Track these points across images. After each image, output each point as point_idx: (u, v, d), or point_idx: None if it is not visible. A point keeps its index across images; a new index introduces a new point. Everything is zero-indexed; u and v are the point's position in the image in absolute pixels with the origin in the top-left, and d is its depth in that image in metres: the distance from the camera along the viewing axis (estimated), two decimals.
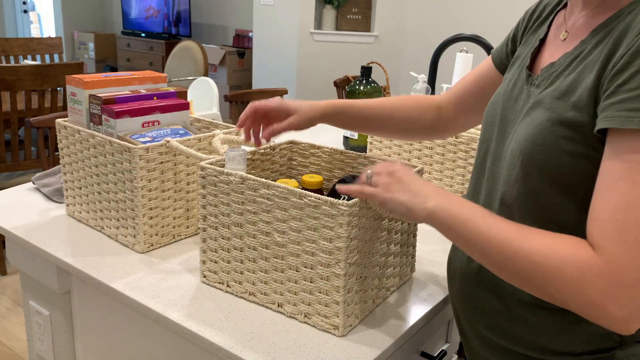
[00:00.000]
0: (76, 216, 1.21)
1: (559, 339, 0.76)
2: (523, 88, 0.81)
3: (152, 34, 6.28)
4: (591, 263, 0.61)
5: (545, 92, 0.74)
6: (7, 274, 2.77)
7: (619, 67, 0.64)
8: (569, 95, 0.70)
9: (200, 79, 1.87)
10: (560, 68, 0.74)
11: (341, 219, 0.79)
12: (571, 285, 0.62)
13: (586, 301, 0.62)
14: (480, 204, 0.85)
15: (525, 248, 0.65)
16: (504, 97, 0.84)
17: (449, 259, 0.93)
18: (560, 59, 0.76)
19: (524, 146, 0.73)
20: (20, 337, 2.30)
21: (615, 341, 0.74)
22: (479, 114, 1.01)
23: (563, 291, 0.63)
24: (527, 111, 0.76)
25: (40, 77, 2.58)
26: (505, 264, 0.67)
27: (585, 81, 0.68)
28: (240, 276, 0.93)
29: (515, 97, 0.82)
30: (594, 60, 0.69)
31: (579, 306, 0.63)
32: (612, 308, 0.61)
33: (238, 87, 5.70)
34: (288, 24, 4.77)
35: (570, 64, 0.73)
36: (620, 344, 0.74)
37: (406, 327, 0.89)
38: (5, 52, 4.21)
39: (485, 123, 0.88)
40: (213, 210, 0.93)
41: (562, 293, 0.63)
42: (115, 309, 1.03)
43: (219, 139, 1.06)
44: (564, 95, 0.70)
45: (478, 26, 4.44)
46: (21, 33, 7.01)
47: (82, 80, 1.12)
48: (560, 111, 0.70)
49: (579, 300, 0.62)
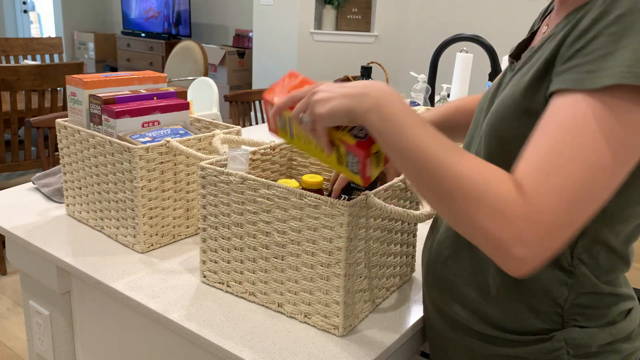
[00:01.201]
0: (76, 216, 1.21)
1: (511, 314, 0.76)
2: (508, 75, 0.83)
3: (152, 34, 6.28)
4: (513, 200, 0.60)
5: (519, 72, 0.75)
6: (7, 274, 2.77)
7: (579, 33, 0.64)
8: (531, 68, 0.71)
9: (200, 79, 1.87)
10: (535, 49, 0.76)
11: (341, 219, 0.79)
12: (488, 215, 0.61)
13: (496, 235, 0.60)
14: None
15: (454, 168, 0.63)
16: (495, 86, 0.86)
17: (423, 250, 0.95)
18: (538, 43, 0.77)
19: (490, 119, 0.75)
20: (20, 337, 2.30)
21: (557, 323, 0.75)
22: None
23: (477, 219, 0.61)
24: (501, 91, 0.79)
25: (40, 77, 2.58)
26: (429, 179, 0.65)
27: (546, 54, 0.69)
28: (240, 276, 0.93)
29: (505, 84, 0.84)
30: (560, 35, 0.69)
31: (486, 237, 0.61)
32: (516, 247, 0.59)
33: (238, 87, 5.70)
34: (288, 24, 4.77)
35: (542, 44, 0.74)
36: (562, 326, 0.75)
37: (406, 327, 0.89)
38: (5, 52, 4.21)
39: (476, 111, 0.89)
40: (213, 210, 0.93)
41: (476, 221, 0.61)
42: (115, 309, 1.03)
43: (219, 139, 1.06)
44: (529, 70, 0.72)
45: (478, 26, 4.44)
46: (21, 33, 7.01)
47: (82, 80, 1.12)
48: (522, 83, 0.71)
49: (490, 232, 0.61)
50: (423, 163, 0.65)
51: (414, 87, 1.90)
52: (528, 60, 0.75)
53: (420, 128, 0.67)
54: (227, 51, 5.55)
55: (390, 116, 0.68)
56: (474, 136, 0.86)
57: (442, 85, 2.13)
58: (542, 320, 0.75)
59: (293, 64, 4.83)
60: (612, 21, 0.61)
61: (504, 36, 4.22)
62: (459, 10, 4.59)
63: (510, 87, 0.74)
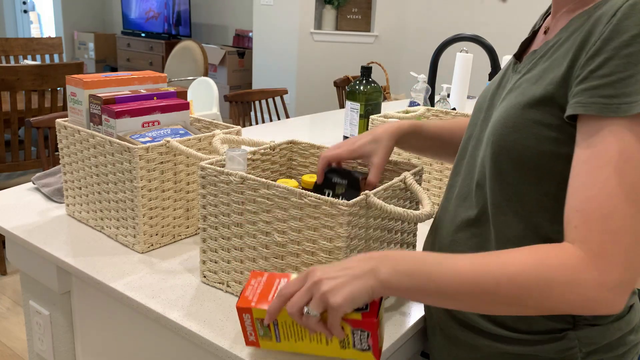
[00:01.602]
0: (76, 216, 1.21)
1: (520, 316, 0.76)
2: (510, 76, 0.83)
3: (152, 34, 6.28)
4: (578, 260, 0.61)
5: (524, 78, 0.75)
6: (7, 274, 2.77)
7: (592, 53, 0.64)
8: (542, 79, 0.71)
9: (200, 79, 1.87)
10: (539, 55, 0.76)
11: (341, 218, 0.79)
12: (566, 291, 0.62)
13: (584, 299, 0.62)
14: (459, 185, 0.86)
15: (505, 275, 0.63)
16: (495, 85, 0.86)
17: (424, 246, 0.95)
18: (541, 47, 0.77)
19: (496, 128, 0.74)
20: (20, 337, 2.30)
21: (569, 322, 0.75)
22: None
23: (560, 299, 0.62)
24: (504, 96, 0.78)
25: (40, 77, 2.58)
26: (490, 299, 0.65)
27: (559, 67, 0.69)
28: (240, 276, 0.93)
29: (503, 84, 0.84)
30: (569, 46, 0.69)
31: (577, 306, 0.63)
32: (606, 294, 0.61)
33: (238, 87, 5.70)
34: (288, 24, 4.77)
35: (548, 50, 0.74)
36: (574, 325, 0.75)
37: (406, 327, 0.89)
38: (5, 52, 4.21)
39: (475, 108, 0.89)
40: (213, 210, 0.93)
41: (560, 301, 0.62)
42: (115, 309, 1.03)
43: (219, 139, 1.06)
44: (537, 80, 0.71)
45: (478, 26, 4.44)
46: (21, 33, 7.01)
47: (82, 80, 1.12)
48: (531, 94, 0.71)
49: (578, 301, 0.62)
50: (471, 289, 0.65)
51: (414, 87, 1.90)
52: (533, 66, 0.75)
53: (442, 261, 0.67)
54: (227, 51, 5.55)
55: (411, 270, 0.67)
56: (472, 136, 0.86)
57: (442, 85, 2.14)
58: (555, 320, 0.76)
59: (293, 64, 4.83)
60: (626, 42, 0.62)
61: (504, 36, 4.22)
62: (459, 10, 4.59)
63: (515, 96, 0.74)
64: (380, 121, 1.44)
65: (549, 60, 0.72)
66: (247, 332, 0.78)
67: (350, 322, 0.72)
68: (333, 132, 1.99)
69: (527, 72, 0.76)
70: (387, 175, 1.00)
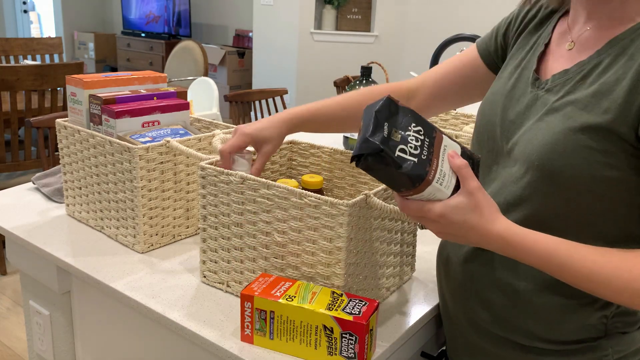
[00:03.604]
0: (76, 216, 1.21)
1: (552, 327, 0.77)
2: (527, 90, 0.80)
3: (152, 34, 6.28)
4: None
5: (564, 100, 0.74)
6: (7, 274, 2.77)
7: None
8: (593, 105, 0.70)
9: (200, 79, 1.87)
10: (576, 76, 0.75)
11: (341, 218, 0.79)
12: None
13: None
14: None
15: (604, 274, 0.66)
16: (504, 96, 0.83)
17: (440, 246, 0.93)
18: (574, 66, 0.76)
19: (541, 152, 0.73)
20: (20, 337, 2.30)
21: (601, 331, 0.77)
22: (454, 100, 1.01)
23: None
24: (540, 116, 0.76)
25: (40, 77, 2.58)
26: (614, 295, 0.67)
27: (612, 93, 0.69)
28: (240, 276, 0.93)
29: (517, 97, 0.81)
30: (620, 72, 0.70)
31: None
32: None
33: (238, 87, 5.70)
34: (288, 24, 4.77)
35: (588, 73, 0.73)
36: (605, 334, 0.77)
37: (406, 327, 0.89)
38: (5, 52, 4.21)
39: (483, 120, 0.87)
40: (213, 210, 0.93)
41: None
42: (115, 309, 1.03)
43: (219, 139, 1.06)
44: (587, 106, 0.71)
45: (478, 26, 4.44)
46: (21, 33, 7.01)
47: (82, 80, 1.12)
48: (582, 121, 0.70)
49: None
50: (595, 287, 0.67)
51: None
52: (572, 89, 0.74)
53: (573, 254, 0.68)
54: (227, 51, 5.55)
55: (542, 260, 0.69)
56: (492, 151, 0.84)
57: None
58: (588, 330, 0.77)
59: (293, 64, 4.83)
60: None
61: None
62: (459, 10, 4.59)
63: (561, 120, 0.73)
64: None
65: (594, 84, 0.72)
66: (244, 323, 0.81)
67: (340, 323, 0.74)
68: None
69: (566, 94, 0.74)
70: None
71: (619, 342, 0.77)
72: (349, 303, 0.77)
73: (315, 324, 0.76)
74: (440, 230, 0.71)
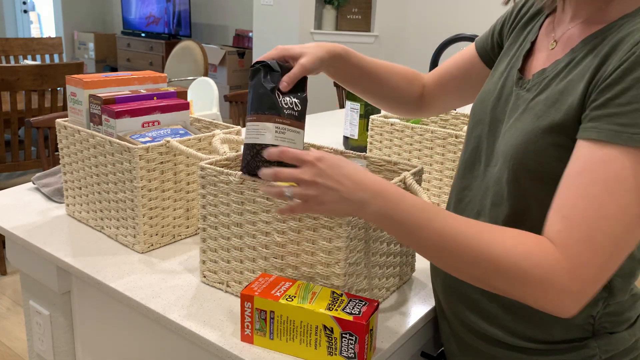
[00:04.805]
0: (76, 216, 1.21)
1: (540, 326, 0.78)
2: (512, 89, 0.81)
3: (152, 34, 6.28)
4: (555, 263, 0.63)
5: (538, 99, 0.74)
6: (7, 274, 2.77)
7: (610, 80, 0.64)
8: (560, 102, 0.71)
9: (200, 79, 1.87)
10: (551, 74, 0.75)
11: (341, 219, 0.79)
12: (535, 287, 0.64)
13: (548, 299, 0.64)
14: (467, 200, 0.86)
15: (488, 254, 0.65)
16: (494, 96, 0.84)
17: None
18: (550, 65, 0.76)
19: (515, 152, 0.74)
20: (20, 337, 2.30)
21: (588, 331, 0.77)
22: (458, 97, 1.04)
23: (527, 292, 0.65)
24: (517, 116, 0.77)
25: (40, 77, 2.58)
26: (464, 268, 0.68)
27: (575, 89, 0.69)
28: (240, 276, 0.93)
29: (505, 97, 0.82)
30: (584, 69, 0.69)
31: (538, 303, 0.65)
32: (567, 301, 0.63)
33: (238, 87, 5.70)
34: (288, 24, 4.76)
35: (561, 71, 0.73)
36: (593, 334, 0.77)
37: (406, 327, 0.89)
38: (5, 52, 4.21)
39: (474, 119, 0.88)
40: (213, 210, 0.93)
41: (526, 293, 0.65)
42: (115, 309, 1.03)
43: (219, 139, 1.06)
44: (554, 103, 0.71)
45: (478, 26, 4.44)
46: (21, 33, 7.01)
47: (82, 80, 1.12)
48: (550, 119, 0.71)
49: (541, 298, 0.64)
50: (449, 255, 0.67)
51: None
52: (545, 87, 0.74)
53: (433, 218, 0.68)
54: (227, 51, 5.55)
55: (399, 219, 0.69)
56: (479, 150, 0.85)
57: None
58: (575, 330, 0.77)
59: None
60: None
61: None
62: (459, 10, 4.59)
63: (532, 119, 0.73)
64: (381, 121, 1.44)
65: (563, 81, 0.72)
66: (244, 323, 0.81)
67: (340, 323, 0.74)
68: (333, 132, 1.99)
69: (539, 93, 0.75)
70: (387, 175, 1.00)
71: (607, 342, 0.77)
72: (349, 303, 0.77)
73: (315, 324, 0.76)
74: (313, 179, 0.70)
